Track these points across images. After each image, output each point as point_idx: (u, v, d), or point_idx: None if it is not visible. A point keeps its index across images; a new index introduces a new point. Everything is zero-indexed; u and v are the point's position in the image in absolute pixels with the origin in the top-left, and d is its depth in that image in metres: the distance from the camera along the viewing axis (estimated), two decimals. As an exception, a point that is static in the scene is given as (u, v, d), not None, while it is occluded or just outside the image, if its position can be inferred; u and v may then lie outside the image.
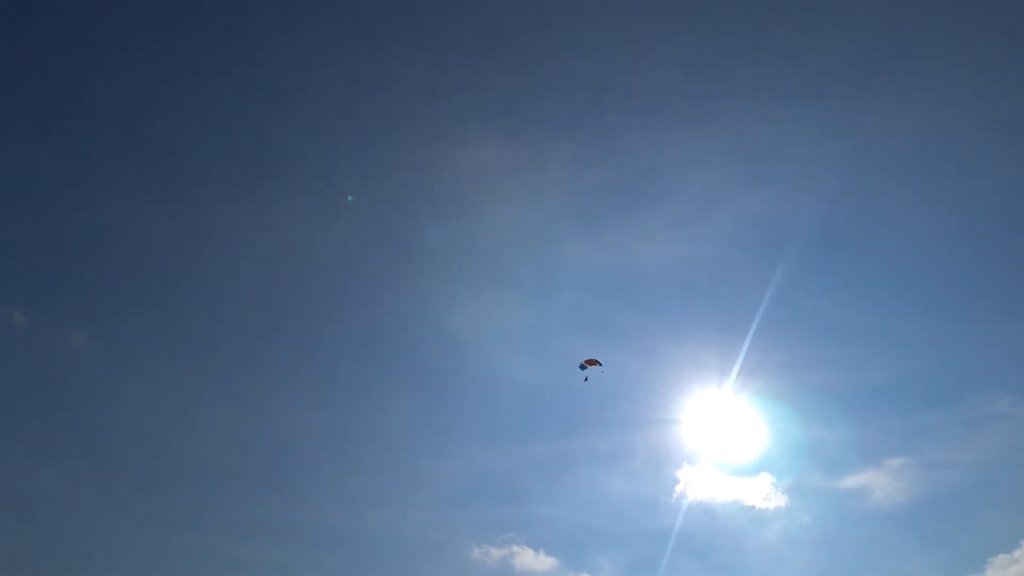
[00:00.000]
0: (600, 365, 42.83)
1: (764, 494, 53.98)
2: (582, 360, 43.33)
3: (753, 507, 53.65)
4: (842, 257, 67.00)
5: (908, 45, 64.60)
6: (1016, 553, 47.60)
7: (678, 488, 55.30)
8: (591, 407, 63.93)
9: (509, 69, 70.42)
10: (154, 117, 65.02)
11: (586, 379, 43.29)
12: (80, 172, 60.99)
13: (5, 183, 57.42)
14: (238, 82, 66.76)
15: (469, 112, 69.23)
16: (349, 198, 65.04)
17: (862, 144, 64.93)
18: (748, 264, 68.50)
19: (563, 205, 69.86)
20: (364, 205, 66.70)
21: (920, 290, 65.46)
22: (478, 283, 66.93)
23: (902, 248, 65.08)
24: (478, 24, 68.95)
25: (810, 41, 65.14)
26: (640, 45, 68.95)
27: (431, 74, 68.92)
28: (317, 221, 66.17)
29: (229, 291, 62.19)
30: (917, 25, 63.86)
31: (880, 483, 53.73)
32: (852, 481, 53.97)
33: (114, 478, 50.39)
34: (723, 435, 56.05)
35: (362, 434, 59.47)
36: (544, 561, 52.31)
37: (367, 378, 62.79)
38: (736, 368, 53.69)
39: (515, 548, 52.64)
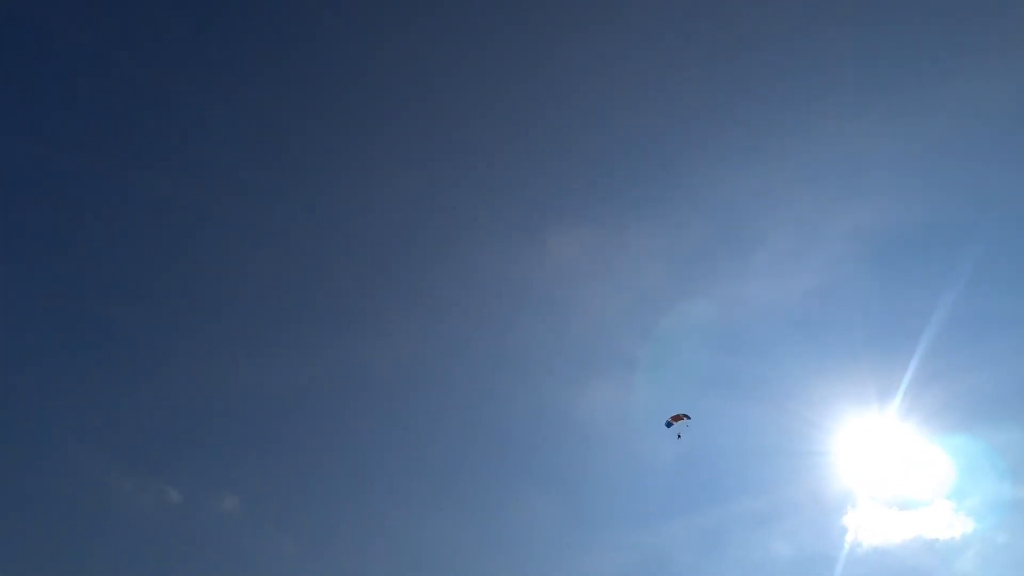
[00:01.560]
0: (688, 419, 40.43)
1: (946, 523, 49.68)
2: (667, 418, 41.12)
3: (936, 540, 49.46)
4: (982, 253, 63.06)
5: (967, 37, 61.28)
6: None
7: (848, 537, 51.18)
8: (737, 468, 60.61)
9: (580, 158, 68.59)
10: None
11: (679, 436, 41.29)
12: (211, 343, 60.32)
13: (145, 365, 57.21)
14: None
15: (549, 207, 68.27)
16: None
17: (948, 135, 62.17)
18: (871, 280, 64.74)
19: (659, 274, 67.54)
20: (463, 306, 65.17)
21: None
22: (591, 371, 64.61)
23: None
24: (546, 121, 67.42)
25: (868, 43, 62.42)
26: (702, 89, 66.82)
27: (510, 173, 67.34)
28: (430, 337, 64.37)
29: (353, 418, 60.53)
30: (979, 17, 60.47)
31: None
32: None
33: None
34: (886, 467, 52.02)
35: (507, 539, 56.90)
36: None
37: (500, 481, 60.44)
38: (900, 391, 49.46)
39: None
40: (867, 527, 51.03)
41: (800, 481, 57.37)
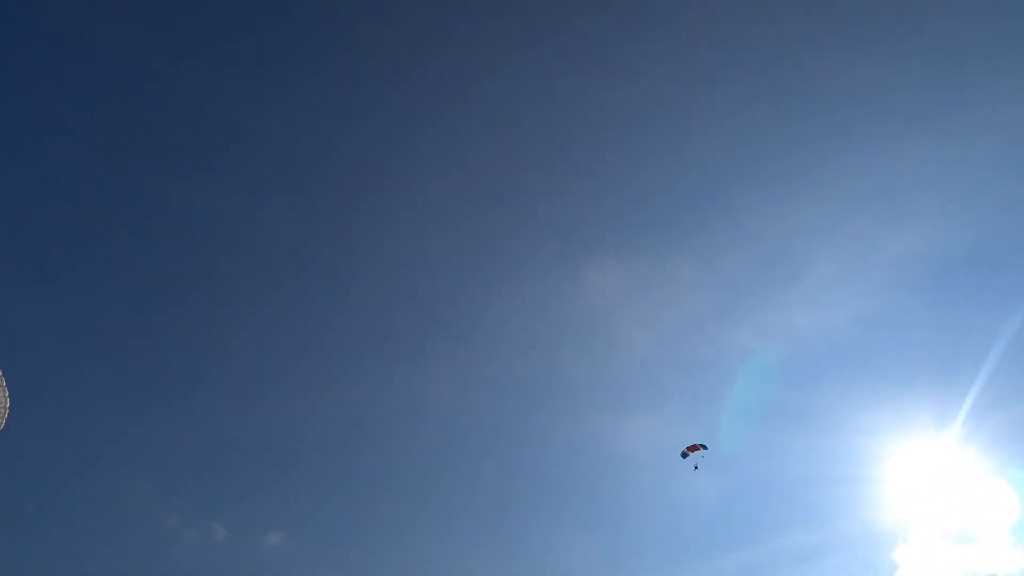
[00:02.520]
0: (704, 449, 39.19)
1: (1005, 559, 48.65)
2: (683, 448, 40.01)
3: (995, 576, 45.93)
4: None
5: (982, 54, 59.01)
6: None
7: (900, 573, 49.14)
8: (784, 502, 59.68)
9: (618, 192, 69.22)
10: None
11: (696, 467, 40.04)
12: (255, 381, 63.73)
13: (191, 403, 59.41)
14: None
15: (590, 241, 69.01)
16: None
17: (994, 154, 61.77)
18: (922, 304, 63.08)
19: (700, 306, 67.85)
20: (507, 343, 67.32)
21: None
22: (633, 405, 64.61)
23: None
24: (585, 158, 70.20)
25: (911, 66, 61.05)
26: (742, 120, 67.79)
27: (552, 210, 67.93)
28: (475, 374, 67.19)
29: (399, 453, 62.92)
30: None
31: None
32: None
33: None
34: (942, 498, 49.99)
35: (552, 562, 57.41)
36: None
37: (543, 517, 61.61)
38: (960, 418, 47.48)
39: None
40: (920, 562, 49.30)
41: (849, 514, 56.55)
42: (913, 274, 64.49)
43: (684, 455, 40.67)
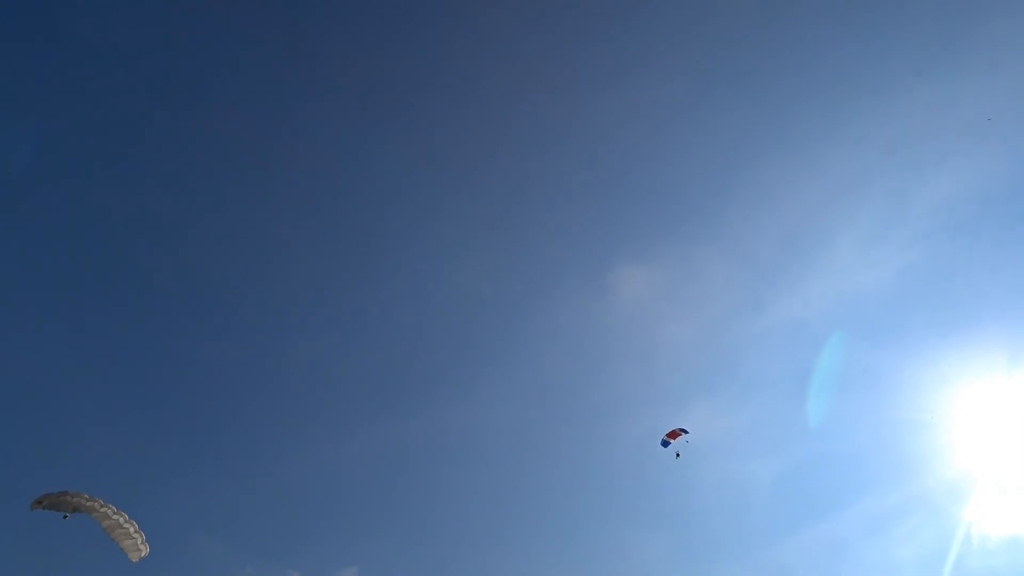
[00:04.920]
0: (686, 433, 37.37)
1: None
2: (663, 436, 38.24)
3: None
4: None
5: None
6: None
7: (975, 531, 46.49)
8: (848, 473, 57.97)
9: (635, 198, 69.09)
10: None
11: (677, 455, 38.38)
12: (311, 428, 64.67)
13: (255, 458, 61.23)
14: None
15: (616, 251, 69.61)
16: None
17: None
18: (969, 246, 60.19)
19: (734, 290, 67.06)
20: (549, 360, 67.88)
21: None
22: (680, 402, 64.17)
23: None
24: (600, 166, 69.88)
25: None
26: (747, 101, 66.00)
27: (574, 225, 68.99)
28: (523, 394, 67.39)
29: (460, 479, 63.36)
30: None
31: None
32: None
33: None
34: (1016, 445, 46.80)
35: (626, 571, 56.28)
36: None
37: (610, 525, 60.72)
38: None
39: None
40: (994, 516, 46.25)
41: (922, 471, 53.92)
42: (953, 217, 61.79)
43: (665, 444, 38.46)
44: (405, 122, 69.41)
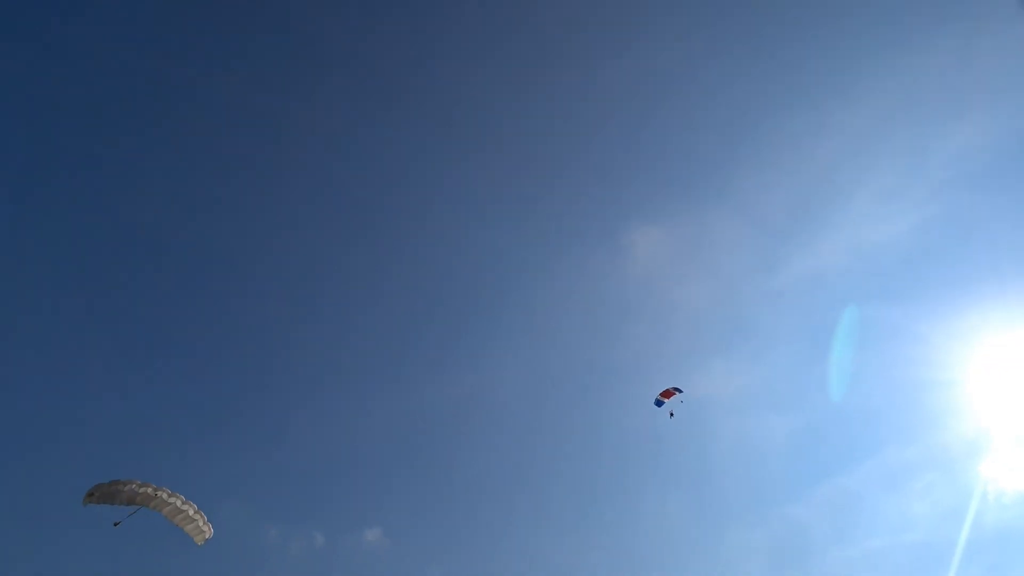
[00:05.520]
0: (680, 392, 36.31)
1: None
2: (657, 395, 37.09)
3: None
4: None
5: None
6: None
7: (990, 487, 47.45)
8: (864, 429, 58.02)
9: (648, 156, 67.14)
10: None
11: (671, 414, 37.36)
12: (331, 391, 64.74)
13: (278, 425, 60.68)
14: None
15: (631, 212, 68.35)
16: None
17: None
18: (987, 198, 59.73)
19: (750, 249, 65.99)
20: (566, 324, 67.64)
21: None
22: (697, 361, 63.68)
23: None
24: (611, 127, 68.28)
25: None
26: (760, 58, 64.02)
27: (589, 186, 67.00)
28: (542, 357, 67.45)
29: (481, 442, 63.78)
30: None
31: None
32: None
33: None
34: None
35: (647, 541, 57.47)
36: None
37: (631, 486, 61.39)
38: None
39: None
40: (1009, 473, 47.02)
41: (934, 432, 54.19)
42: (972, 169, 60.94)
43: (659, 403, 37.16)
44: (420, 86, 67.39)
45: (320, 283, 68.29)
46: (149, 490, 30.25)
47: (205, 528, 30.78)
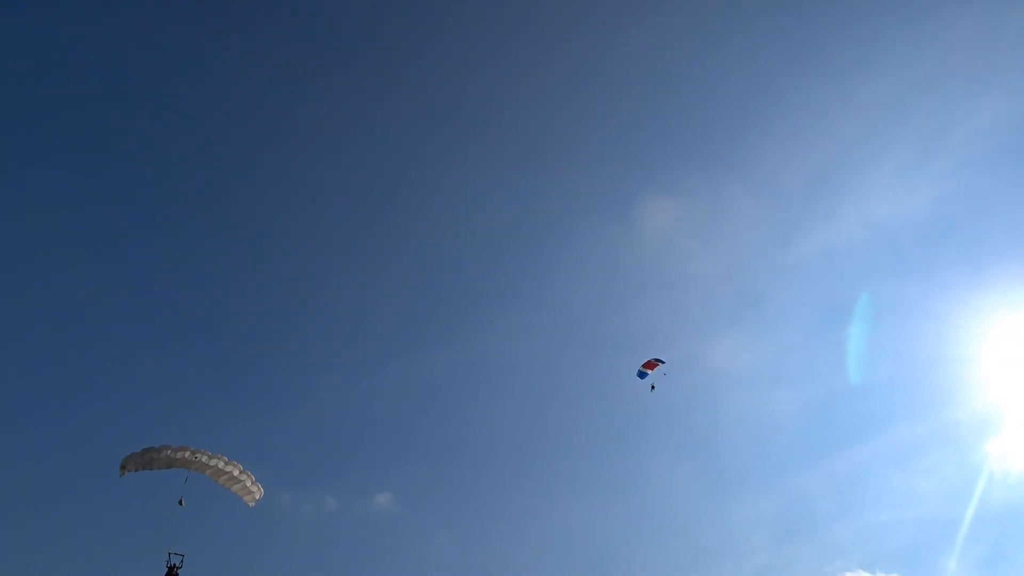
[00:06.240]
0: (662, 363, 35.38)
1: None
2: (640, 367, 35.93)
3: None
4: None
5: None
6: None
7: (996, 466, 47.96)
8: (871, 405, 58.14)
9: (662, 128, 65.49)
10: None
11: (652, 388, 36.33)
12: (340, 358, 66.37)
13: (290, 391, 61.60)
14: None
15: (645, 184, 66.58)
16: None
17: None
18: (1009, 175, 59.71)
19: (766, 223, 65.45)
20: (578, 296, 68.98)
21: None
22: (710, 334, 62.97)
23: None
24: (626, 102, 69.71)
25: None
26: (780, 40, 65.29)
27: (602, 159, 65.35)
28: (552, 329, 68.53)
29: (489, 409, 64.75)
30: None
31: None
32: None
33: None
34: None
35: (653, 510, 59.53)
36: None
37: (639, 455, 63.15)
38: None
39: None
40: (1013, 452, 47.53)
41: (944, 408, 54.69)
42: (995, 145, 60.82)
43: (642, 375, 35.71)
44: (433, 61, 65.84)
45: (336, 254, 67.64)
46: (187, 453, 29.00)
47: (254, 488, 29.35)
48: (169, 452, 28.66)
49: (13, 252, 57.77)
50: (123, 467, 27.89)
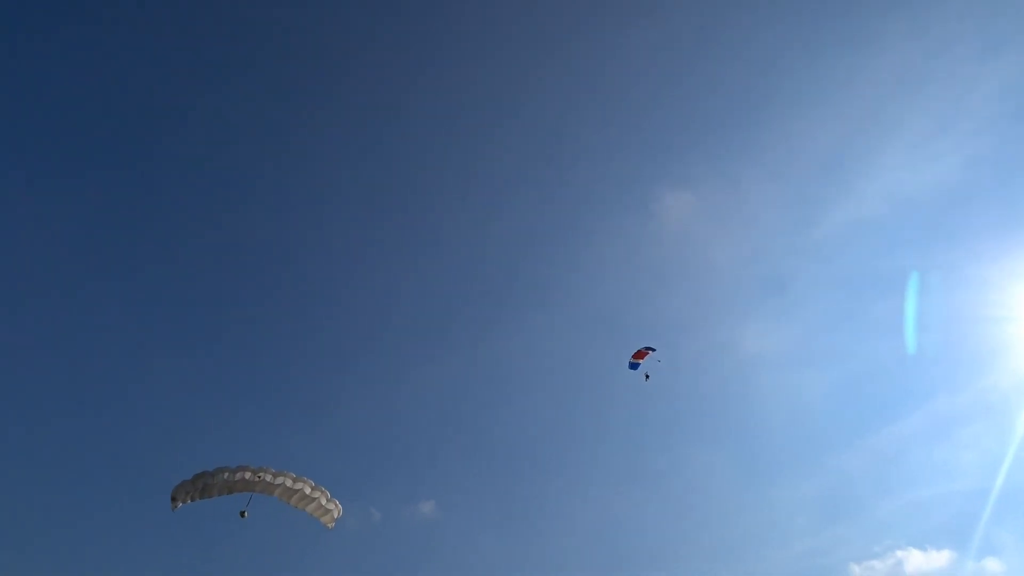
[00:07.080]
0: (654, 351, 34.54)
1: None
2: (630, 358, 35.36)
3: None
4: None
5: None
6: None
7: None
8: (909, 381, 56.07)
9: (676, 119, 64.04)
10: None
11: (647, 376, 35.66)
12: (371, 370, 61.77)
13: (323, 407, 57.96)
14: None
15: (662, 176, 66.59)
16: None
17: None
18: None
19: (784, 203, 64.14)
20: (601, 290, 65.29)
21: None
22: (739, 318, 61.08)
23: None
24: (643, 93, 65.38)
25: None
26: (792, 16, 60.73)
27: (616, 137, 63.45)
28: (579, 325, 64.52)
29: (522, 411, 60.67)
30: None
31: None
32: None
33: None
34: None
35: (692, 501, 55.39)
36: (937, 557, 46.62)
37: (675, 447, 59.46)
38: None
39: (899, 554, 47.18)
40: None
41: (984, 377, 51.99)
42: (1019, 102, 58.91)
43: (633, 366, 34.79)
44: (449, 62, 66.22)
45: (357, 260, 66.00)
46: (247, 474, 25.96)
47: (331, 506, 26.02)
48: (227, 475, 25.21)
49: (55, 258, 55.70)
50: (174, 499, 24.45)
